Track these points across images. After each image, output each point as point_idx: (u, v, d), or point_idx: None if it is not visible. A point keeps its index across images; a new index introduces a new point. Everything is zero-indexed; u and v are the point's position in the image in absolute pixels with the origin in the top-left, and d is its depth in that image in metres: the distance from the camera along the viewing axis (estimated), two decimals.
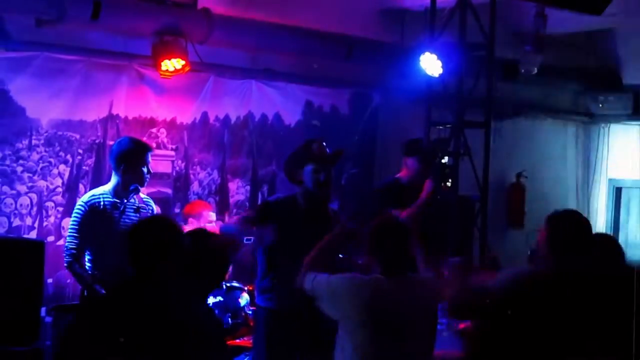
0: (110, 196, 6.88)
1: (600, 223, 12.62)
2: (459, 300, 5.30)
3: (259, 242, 6.67)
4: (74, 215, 6.88)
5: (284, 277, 6.31)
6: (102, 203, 6.84)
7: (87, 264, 6.80)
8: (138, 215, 6.95)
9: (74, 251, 6.74)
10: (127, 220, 6.86)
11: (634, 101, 12.08)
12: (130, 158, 6.87)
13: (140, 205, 7.01)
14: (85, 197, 6.97)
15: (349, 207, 8.82)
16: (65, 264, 6.83)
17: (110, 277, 6.70)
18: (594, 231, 5.36)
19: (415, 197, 7.40)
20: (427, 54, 8.98)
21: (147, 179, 7.03)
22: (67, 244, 6.83)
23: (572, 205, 12.20)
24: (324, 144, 6.78)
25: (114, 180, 6.94)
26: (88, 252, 6.81)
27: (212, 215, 8.53)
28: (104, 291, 6.59)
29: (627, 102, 12.20)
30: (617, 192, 12.73)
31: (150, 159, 7.00)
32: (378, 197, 7.72)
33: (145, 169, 6.92)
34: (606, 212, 12.83)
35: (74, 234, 6.78)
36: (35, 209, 8.12)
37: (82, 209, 6.82)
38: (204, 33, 8.46)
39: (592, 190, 12.75)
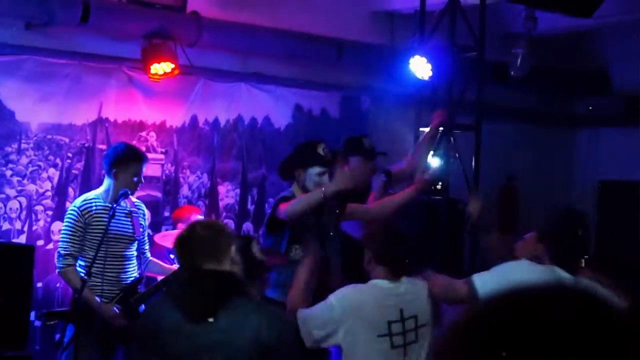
0: (101, 200, 6.85)
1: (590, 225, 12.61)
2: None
3: None
4: (66, 220, 6.85)
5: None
6: (94, 208, 6.81)
7: (80, 270, 6.76)
8: (129, 219, 6.93)
9: (67, 257, 6.70)
10: (118, 225, 6.84)
11: (623, 104, 12.09)
12: (123, 165, 6.83)
13: (131, 209, 6.98)
14: (77, 202, 6.92)
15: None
16: (58, 270, 6.80)
17: (103, 282, 6.69)
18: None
19: (358, 198, 7.24)
20: (416, 57, 8.97)
21: (138, 188, 7.00)
22: (59, 250, 6.79)
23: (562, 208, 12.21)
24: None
25: (105, 184, 6.91)
26: (81, 258, 6.77)
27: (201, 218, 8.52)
28: (97, 298, 6.57)
29: (616, 104, 12.21)
30: (607, 195, 12.73)
31: (144, 169, 6.95)
32: None
33: (136, 178, 6.87)
34: (596, 214, 12.84)
35: (67, 240, 6.73)
36: (24, 212, 8.09)
37: (75, 214, 6.78)
38: (193, 36, 8.46)
39: (583, 193, 12.74)
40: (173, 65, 8.27)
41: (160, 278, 7.25)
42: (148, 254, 7.38)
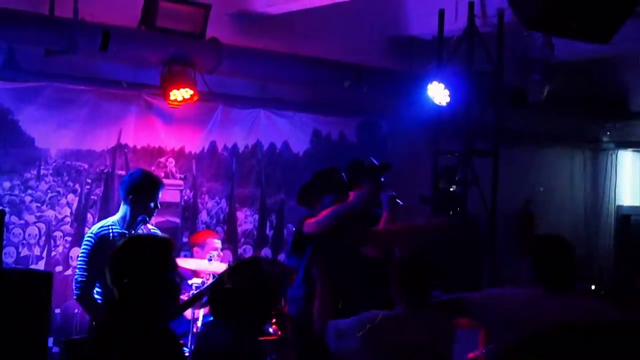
0: (118, 227, 6.84)
1: (608, 249, 12.60)
2: None
3: None
4: (83, 246, 6.85)
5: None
6: (111, 234, 6.80)
7: (97, 297, 6.76)
8: None
9: (83, 284, 6.69)
10: None
11: None
12: (140, 191, 6.83)
13: None
14: (94, 229, 6.92)
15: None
16: (75, 297, 6.79)
17: None
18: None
19: (371, 218, 7.19)
20: (434, 83, 8.98)
21: (155, 214, 7.00)
22: (76, 276, 6.78)
23: (580, 232, 12.19)
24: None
25: (122, 210, 6.91)
26: (97, 284, 6.77)
27: (218, 243, 8.52)
28: None
29: (634, 128, 12.21)
30: (625, 219, 12.72)
31: (160, 195, 6.95)
32: None
33: (152, 204, 6.87)
34: (614, 238, 12.81)
35: (84, 266, 6.72)
36: (43, 238, 8.12)
37: (92, 240, 6.77)
38: (212, 63, 8.49)
39: (600, 217, 12.72)
40: (192, 92, 8.29)
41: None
42: None
